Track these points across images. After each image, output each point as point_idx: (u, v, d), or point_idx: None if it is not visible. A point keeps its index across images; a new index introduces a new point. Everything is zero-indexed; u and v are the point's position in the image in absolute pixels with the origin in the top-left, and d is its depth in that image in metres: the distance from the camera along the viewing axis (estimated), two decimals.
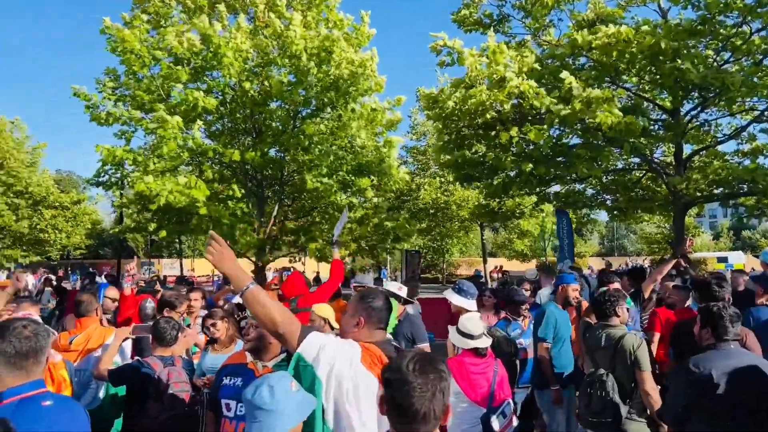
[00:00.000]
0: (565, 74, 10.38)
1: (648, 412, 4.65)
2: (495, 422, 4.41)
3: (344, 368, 2.58)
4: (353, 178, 15.53)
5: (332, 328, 5.23)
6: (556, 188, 15.90)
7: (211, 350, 5.14)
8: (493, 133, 11.42)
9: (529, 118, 11.48)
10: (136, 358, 4.47)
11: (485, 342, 4.70)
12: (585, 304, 6.52)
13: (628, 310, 5.47)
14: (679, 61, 10.45)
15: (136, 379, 4.28)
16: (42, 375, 2.46)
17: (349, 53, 14.55)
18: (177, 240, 32.04)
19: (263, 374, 3.40)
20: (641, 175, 15.09)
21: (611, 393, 4.64)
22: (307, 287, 6.85)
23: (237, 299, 7.04)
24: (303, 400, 2.41)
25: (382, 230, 15.75)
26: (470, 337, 4.66)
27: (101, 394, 4.98)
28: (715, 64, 12.10)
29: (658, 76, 11.36)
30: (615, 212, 16.09)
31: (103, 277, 18.92)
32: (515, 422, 4.65)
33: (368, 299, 2.96)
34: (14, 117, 31.10)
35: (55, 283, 18.23)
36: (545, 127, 10.48)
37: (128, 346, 5.32)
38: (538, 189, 14.31)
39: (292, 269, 14.69)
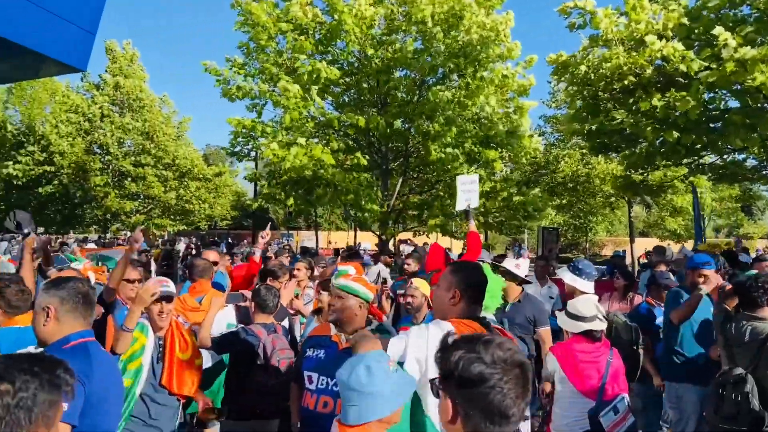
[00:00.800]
0: (718, 30, 9.26)
1: None
2: (604, 419, 4.07)
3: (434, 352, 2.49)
4: (480, 149, 15.17)
5: (430, 307, 5.13)
6: (712, 158, 14.40)
7: (316, 320, 5.23)
8: (632, 99, 10.51)
9: (678, 79, 10.45)
10: (240, 325, 4.58)
11: (599, 325, 4.33)
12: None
13: None
14: None
15: (241, 346, 4.36)
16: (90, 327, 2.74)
17: (479, 17, 14.12)
18: (313, 212, 33.36)
19: (347, 347, 3.36)
20: None
21: (750, 397, 4.07)
22: (445, 262, 6.71)
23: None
24: (402, 381, 2.31)
25: (511, 205, 15.25)
26: (581, 319, 4.32)
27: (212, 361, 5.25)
28: None
29: None
30: None
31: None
32: (630, 420, 4.27)
33: (464, 271, 2.87)
34: (162, 93, 33.81)
35: (194, 252, 19.64)
36: (689, 95, 9.45)
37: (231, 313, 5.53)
38: (687, 159, 13.04)
39: (408, 241, 14.72)
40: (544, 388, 4.70)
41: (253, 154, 17.11)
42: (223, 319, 5.32)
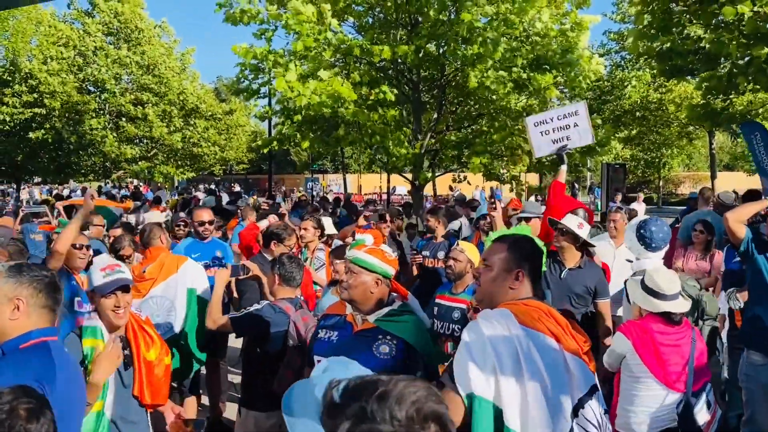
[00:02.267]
0: None
1: None
2: (700, 415, 3.87)
3: (504, 350, 2.36)
4: (531, 74, 14.60)
5: (475, 277, 4.94)
6: None
7: (333, 291, 5.10)
8: (712, 7, 9.87)
9: None
10: (266, 301, 4.42)
11: (682, 305, 4.04)
12: None
13: None
14: None
15: (268, 326, 4.20)
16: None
17: None
18: (339, 152, 33.19)
19: (364, 329, 3.33)
20: None
21: None
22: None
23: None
24: None
25: None
26: (660, 296, 4.01)
27: (177, 328, 5.25)
28: None
29: None
30: None
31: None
32: (719, 413, 4.06)
33: (521, 243, 2.70)
34: (161, 19, 33.52)
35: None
36: None
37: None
38: None
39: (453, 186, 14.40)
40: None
41: (264, 90, 16.79)
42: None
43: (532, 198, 19.50)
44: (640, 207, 17.63)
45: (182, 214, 8.86)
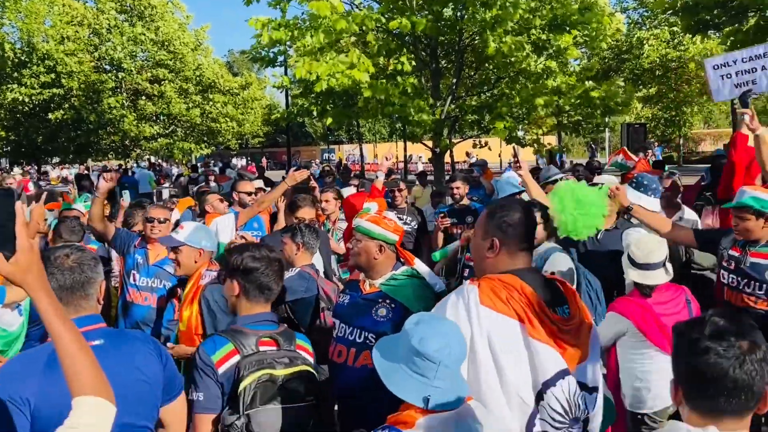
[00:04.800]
0: None
1: None
2: None
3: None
4: (550, 35, 14.37)
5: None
6: None
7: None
8: None
9: None
10: (297, 268, 4.34)
11: (663, 276, 3.87)
12: None
13: None
14: None
15: (297, 291, 4.07)
16: (94, 309, 2.42)
17: None
18: (354, 123, 33.00)
19: (370, 293, 3.49)
20: None
21: None
22: None
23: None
24: None
25: (588, 101, 14.54)
26: (644, 266, 3.85)
27: None
28: None
29: None
30: None
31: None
32: None
33: (501, 213, 2.52)
34: None
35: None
36: None
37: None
38: None
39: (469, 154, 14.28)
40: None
41: (280, 58, 16.62)
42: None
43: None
44: None
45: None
